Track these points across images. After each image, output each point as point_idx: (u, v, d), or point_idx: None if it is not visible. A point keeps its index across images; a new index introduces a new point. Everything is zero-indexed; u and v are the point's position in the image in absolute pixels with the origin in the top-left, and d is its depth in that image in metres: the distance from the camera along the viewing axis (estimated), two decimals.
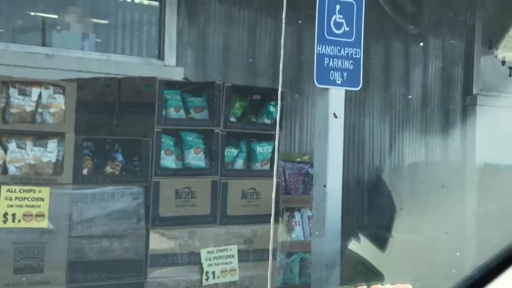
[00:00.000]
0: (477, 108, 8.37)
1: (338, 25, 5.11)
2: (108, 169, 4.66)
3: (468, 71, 8.45)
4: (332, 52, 5.09)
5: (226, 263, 5.02)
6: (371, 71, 7.40)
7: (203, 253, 4.92)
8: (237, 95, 5.23)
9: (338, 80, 5.14)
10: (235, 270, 5.06)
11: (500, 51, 8.58)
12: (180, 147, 4.94)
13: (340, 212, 5.15)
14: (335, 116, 5.14)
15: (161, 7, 6.25)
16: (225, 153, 5.08)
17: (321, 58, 5.05)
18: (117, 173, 4.68)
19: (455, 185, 7.31)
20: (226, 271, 5.02)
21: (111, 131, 4.89)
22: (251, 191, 5.14)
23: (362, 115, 7.54)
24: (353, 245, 5.45)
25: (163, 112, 4.85)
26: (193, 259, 4.89)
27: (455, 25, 8.26)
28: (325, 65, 5.07)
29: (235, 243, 5.07)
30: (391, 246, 5.68)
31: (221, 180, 5.02)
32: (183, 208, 4.85)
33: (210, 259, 4.94)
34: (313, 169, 5.36)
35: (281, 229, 5.74)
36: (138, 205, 4.69)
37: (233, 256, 5.05)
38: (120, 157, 4.71)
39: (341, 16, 5.11)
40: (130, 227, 4.65)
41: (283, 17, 2.36)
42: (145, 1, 6.41)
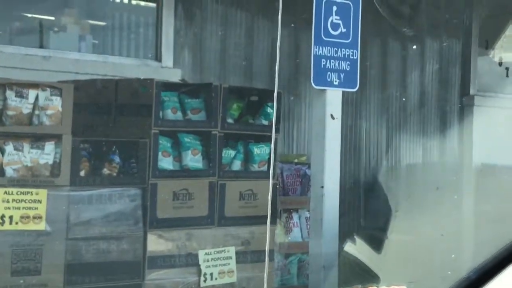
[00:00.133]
0: (474, 108, 8.38)
1: (335, 26, 5.12)
2: (106, 171, 4.66)
3: (465, 71, 8.46)
4: (329, 53, 5.10)
5: (224, 264, 5.02)
6: (368, 72, 7.40)
7: (201, 254, 4.92)
8: (234, 96, 5.23)
9: (335, 81, 5.14)
10: (233, 271, 5.06)
11: (497, 51, 8.60)
12: (178, 148, 4.94)
13: (338, 213, 5.15)
14: (332, 117, 5.15)
15: (158, 8, 6.25)
16: (223, 154, 5.08)
17: (318, 60, 5.05)
18: (114, 174, 4.67)
19: (452, 186, 7.32)
20: (224, 272, 5.02)
21: (108, 132, 4.89)
22: (249, 193, 5.14)
23: (359, 116, 7.54)
24: (348, 246, 5.45)
25: (161, 114, 4.85)
26: (191, 260, 4.89)
27: (452, 26, 8.27)
28: (322, 67, 5.07)
29: (233, 245, 5.06)
30: (387, 248, 5.68)
31: (218, 181, 5.02)
32: (180, 209, 4.85)
33: (208, 261, 4.94)
34: (311, 170, 5.37)
35: (279, 230, 5.74)
36: (135, 206, 4.69)
37: (231, 258, 5.05)
38: (117, 158, 4.71)
39: (338, 17, 5.12)
40: (128, 229, 4.65)
41: (278, 19, 2.37)
42: (142, 3, 6.41)
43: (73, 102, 4.54)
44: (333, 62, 5.11)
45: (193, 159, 4.95)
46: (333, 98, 5.17)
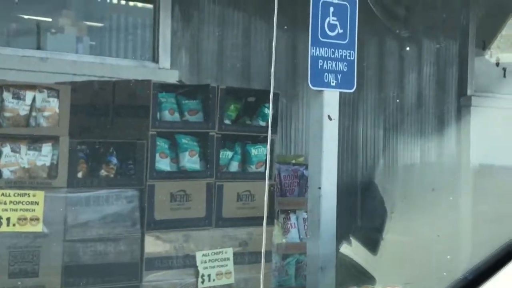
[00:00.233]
0: (472, 109, 8.38)
1: (332, 27, 5.12)
2: (103, 172, 4.66)
3: (462, 72, 8.46)
4: (326, 54, 5.09)
5: (222, 265, 5.02)
6: (365, 73, 7.40)
7: (199, 256, 4.92)
8: (231, 97, 5.23)
9: (332, 82, 5.14)
10: (230, 272, 5.06)
11: (494, 52, 8.60)
12: (175, 150, 4.94)
13: (335, 214, 5.15)
14: (330, 118, 5.15)
15: (155, 9, 6.25)
16: (220, 155, 5.08)
17: (315, 60, 5.05)
18: (112, 176, 4.67)
19: (450, 187, 7.32)
20: (221, 274, 5.02)
21: (105, 134, 4.89)
22: (246, 194, 5.14)
23: (357, 117, 7.55)
24: (344, 248, 5.45)
25: (158, 115, 4.85)
26: (188, 262, 4.89)
27: (449, 26, 8.27)
28: (319, 67, 5.07)
29: (230, 246, 5.06)
30: (383, 249, 5.68)
31: (216, 182, 5.01)
32: (178, 211, 4.85)
33: (205, 262, 4.94)
34: (308, 171, 5.37)
35: (277, 231, 5.74)
36: (133, 208, 4.68)
37: (228, 259, 5.05)
38: (114, 160, 4.71)
39: (335, 18, 5.12)
40: (125, 230, 4.65)
41: (274, 20, 2.37)
42: (139, 4, 6.40)
43: (70, 103, 4.54)
44: (330, 63, 5.11)
45: (191, 160, 4.95)
46: (330, 99, 5.17)
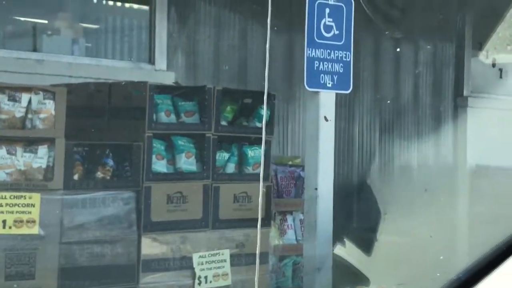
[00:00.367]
0: (468, 110, 8.39)
1: (328, 29, 5.12)
2: (99, 174, 4.65)
3: (458, 73, 8.47)
4: (322, 55, 5.10)
5: (219, 267, 5.02)
6: (361, 74, 7.41)
7: (195, 257, 4.91)
8: (228, 98, 5.23)
9: (329, 83, 5.14)
10: (227, 274, 5.05)
11: (490, 53, 8.61)
12: (171, 151, 4.94)
13: (332, 215, 5.15)
14: (326, 119, 5.15)
15: (151, 11, 6.25)
16: (217, 157, 5.07)
17: (311, 62, 5.05)
18: (108, 178, 4.67)
19: (446, 188, 7.33)
20: (218, 275, 5.02)
21: (101, 136, 4.89)
22: (243, 195, 5.14)
23: (353, 118, 7.55)
24: (338, 249, 5.45)
25: (154, 117, 4.85)
26: (185, 263, 4.89)
27: (445, 27, 8.28)
28: (315, 69, 5.07)
29: (227, 247, 5.06)
30: (377, 250, 5.69)
31: (212, 184, 5.01)
32: (174, 212, 4.85)
33: (202, 264, 4.94)
34: (305, 172, 5.37)
35: (273, 232, 5.74)
36: (129, 210, 4.68)
37: (225, 261, 5.05)
38: (111, 162, 4.70)
39: (331, 19, 5.12)
40: (122, 232, 4.64)
41: (268, 22, 2.37)
42: (135, 6, 6.40)
43: (66, 105, 4.53)
44: (326, 64, 5.11)
45: (187, 162, 4.94)
46: (327, 100, 5.18)
